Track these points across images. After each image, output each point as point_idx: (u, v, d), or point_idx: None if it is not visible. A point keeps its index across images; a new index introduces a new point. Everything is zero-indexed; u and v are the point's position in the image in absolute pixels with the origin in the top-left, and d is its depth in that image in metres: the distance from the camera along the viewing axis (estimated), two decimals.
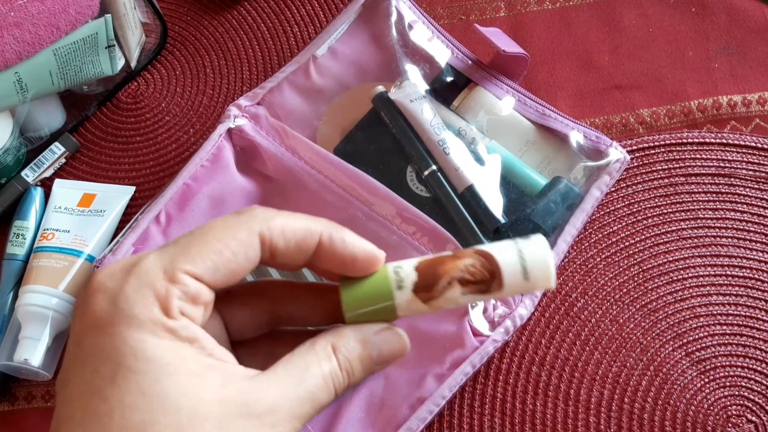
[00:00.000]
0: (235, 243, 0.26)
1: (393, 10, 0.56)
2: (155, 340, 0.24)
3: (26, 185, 0.56)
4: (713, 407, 0.48)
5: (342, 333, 0.27)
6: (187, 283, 0.25)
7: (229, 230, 0.26)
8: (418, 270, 0.28)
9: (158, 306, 0.24)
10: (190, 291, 0.25)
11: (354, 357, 0.27)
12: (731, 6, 0.58)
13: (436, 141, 0.51)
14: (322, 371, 0.26)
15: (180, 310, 0.25)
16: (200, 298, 0.25)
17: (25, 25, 0.49)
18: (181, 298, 0.25)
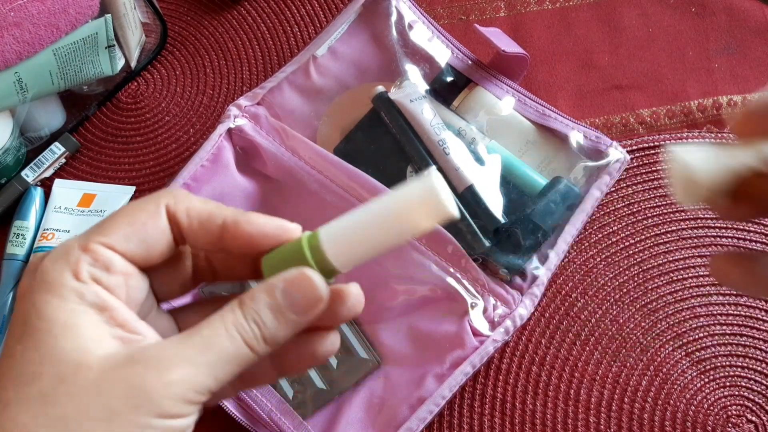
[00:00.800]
0: (143, 214, 0.27)
1: (393, 10, 0.56)
2: (58, 302, 0.25)
3: (26, 185, 0.56)
4: (713, 407, 0.48)
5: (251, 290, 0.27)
6: (98, 250, 0.26)
7: (138, 204, 0.27)
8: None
9: (69, 271, 0.25)
10: (101, 258, 0.26)
11: (261, 306, 0.26)
12: (731, 6, 0.58)
13: (436, 141, 0.51)
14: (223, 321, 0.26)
15: (91, 276, 0.26)
16: (114, 266, 0.26)
17: (25, 25, 0.49)
18: (92, 264, 0.26)
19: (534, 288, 0.49)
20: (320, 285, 0.26)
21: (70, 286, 0.25)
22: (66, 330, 0.25)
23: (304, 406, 0.48)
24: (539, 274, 0.49)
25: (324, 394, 0.48)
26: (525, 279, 0.50)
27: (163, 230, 0.27)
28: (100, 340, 0.25)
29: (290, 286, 0.26)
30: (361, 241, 0.26)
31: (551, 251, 0.50)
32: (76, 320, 0.25)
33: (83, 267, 0.26)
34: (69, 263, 0.26)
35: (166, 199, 0.27)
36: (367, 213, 0.27)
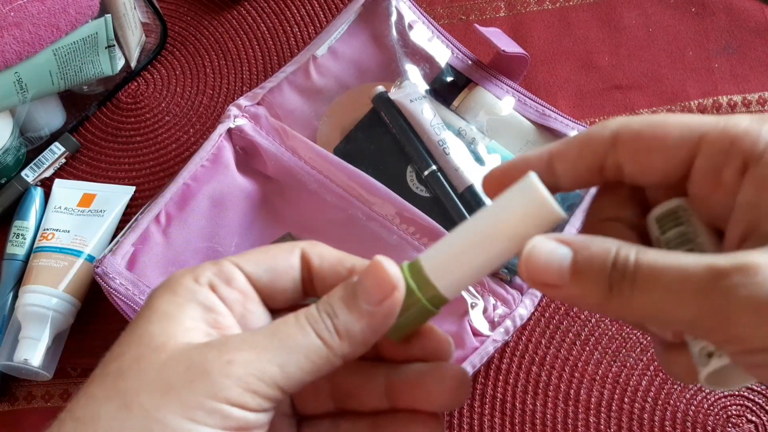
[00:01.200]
0: (278, 249, 0.28)
1: (393, 10, 0.56)
2: (169, 296, 0.26)
3: (26, 185, 0.56)
4: (713, 407, 0.48)
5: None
6: (223, 264, 0.27)
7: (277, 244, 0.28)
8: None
9: (191, 275, 0.26)
10: (224, 270, 0.26)
11: (334, 298, 0.26)
12: (731, 6, 0.58)
13: (436, 141, 0.51)
14: (295, 314, 0.26)
15: (209, 282, 0.26)
16: (235, 281, 0.26)
17: (25, 25, 0.49)
18: (215, 274, 0.26)
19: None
20: (392, 270, 0.25)
21: (186, 285, 0.26)
22: (162, 317, 0.25)
23: None
24: None
25: None
26: None
27: (292, 265, 0.27)
28: (190, 332, 0.25)
29: (362, 275, 0.26)
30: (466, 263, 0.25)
31: None
32: (176, 311, 0.25)
33: (204, 274, 0.26)
34: (194, 271, 0.26)
35: (303, 244, 0.28)
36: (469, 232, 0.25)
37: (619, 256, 0.22)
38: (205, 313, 0.26)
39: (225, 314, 0.26)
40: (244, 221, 0.52)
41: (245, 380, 0.23)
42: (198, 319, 0.25)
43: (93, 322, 0.53)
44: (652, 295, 0.21)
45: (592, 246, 0.22)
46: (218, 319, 0.26)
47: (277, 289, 0.27)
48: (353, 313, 0.25)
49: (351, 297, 0.25)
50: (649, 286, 0.21)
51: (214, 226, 0.51)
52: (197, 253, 0.50)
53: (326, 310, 0.25)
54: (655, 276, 0.21)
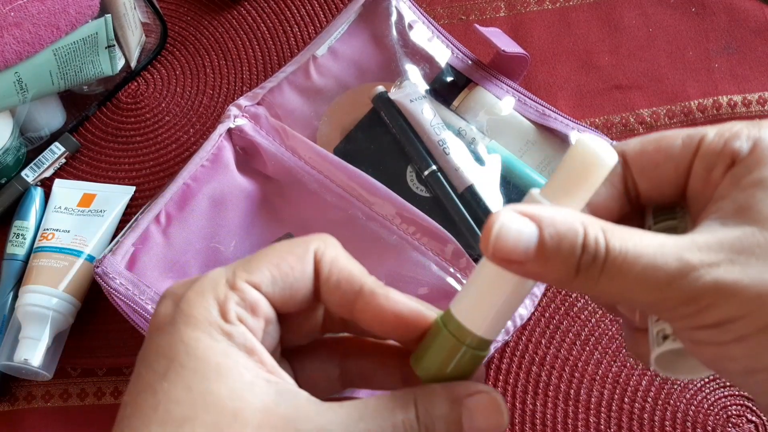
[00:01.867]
0: (292, 257, 0.26)
1: (393, 10, 0.56)
2: (209, 341, 0.24)
3: (26, 185, 0.56)
4: (713, 407, 0.48)
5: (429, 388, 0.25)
6: (245, 290, 0.25)
7: (288, 246, 0.26)
8: None
9: (217, 308, 0.25)
10: (248, 298, 0.25)
11: (438, 415, 0.25)
12: (731, 6, 0.58)
13: (436, 141, 0.51)
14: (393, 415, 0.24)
15: (238, 316, 0.25)
16: (259, 308, 0.25)
17: (25, 25, 0.49)
18: (239, 304, 0.25)
19: (534, 288, 0.49)
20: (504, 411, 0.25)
21: (219, 326, 0.24)
22: (219, 373, 0.23)
23: None
24: None
25: None
26: None
27: (308, 278, 0.26)
28: (254, 387, 0.24)
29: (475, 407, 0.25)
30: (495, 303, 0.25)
31: None
32: (228, 363, 0.24)
33: (231, 306, 0.25)
34: (217, 300, 0.25)
35: (317, 243, 0.27)
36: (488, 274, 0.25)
37: (588, 238, 0.22)
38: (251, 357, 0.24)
39: (263, 353, 0.25)
40: (244, 221, 0.52)
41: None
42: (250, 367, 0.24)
43: (93, 322, 0.53)
44: (618, 282, 0.22)
45: (557, 222, 0.22)
46: (262, 359, 0.25)
47: (292, 304, 0.26)
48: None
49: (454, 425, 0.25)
50: (617, 275, 0.22)
51: (214, 226, 0.51)
52: (197, 254, 0.50)
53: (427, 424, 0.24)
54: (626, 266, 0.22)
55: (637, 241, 0.22)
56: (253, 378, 0.24)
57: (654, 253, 0.21)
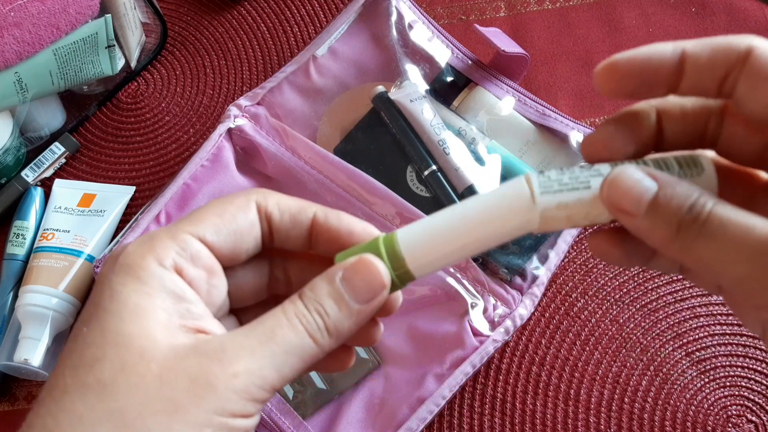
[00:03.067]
0: (233, 207, 0.26)
1: (393, 10, 0.56)
2: (135, 284, 0.24)
3: (26, 185, 0.56)
4: (713, 407, 0.48)
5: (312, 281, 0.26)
6: (186, 240, 0.25)
7: (228, 198, 0.27)
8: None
9: (153, 257, 0.24)
10: (188, 248, 0.25)
11: (322, 295, 0.25)
12: (731, 6, 0.58)
13: (436, 141, 0.51)
14: (284, 312, 0.25)
15: (175, 265, 0.25)
16: (200, 258, 0.25)
17: (25, 25, 0.49)
18: (179, 253, 0.25)
19: (534, 288, 0.49)
20: (382, 270, 0.25)
21: (151, 270, 0.24)
22: (135, 313, 0.23)
23: (304, 406, 0.48)
24: (539, 274, 0.49)
25: (324, 394, 0.48)
26: (525, 279, 0.50)
27: (252, 223, 0.27)
28: (169, 329, 0.24)
29: (350, 272, 0.25)
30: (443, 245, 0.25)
31: (551, 251, 0.50)
32: (148, 304, 0.24)
33: (169, 254, 0.25)
34: (154, 249, 0.25)
35: (255, 195, 0.27)
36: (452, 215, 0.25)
37: (698, 202, 0.22)
38: (177, 304, 0.24)
39: (195, 302, 0.25)
40: None
41: (248, 390, 0.23)
42: (171, 311, 0.24)
43: None
44: (712, 245, 0.22)
45: (677, 186, 0.23)
46: (190, 308, 0.25)
47: (240, 252, 0.27)
48: (343, 311, 0.25)
49: (340, 295, 0.25)
50: (713, 237, 0.22)
51: None
52: None
53: (316, 308, 0.25)
54: (722, 228, 0.22)
55: (740, 213, 0.22)
56: (170, 321, 0.24)
57: (754, 224, 0.22)
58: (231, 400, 0.23)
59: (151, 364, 0.23)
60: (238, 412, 0.23)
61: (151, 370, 0.23)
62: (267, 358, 0.24)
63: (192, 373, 0.23)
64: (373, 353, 0.49)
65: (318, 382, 0.49)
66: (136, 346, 0.23)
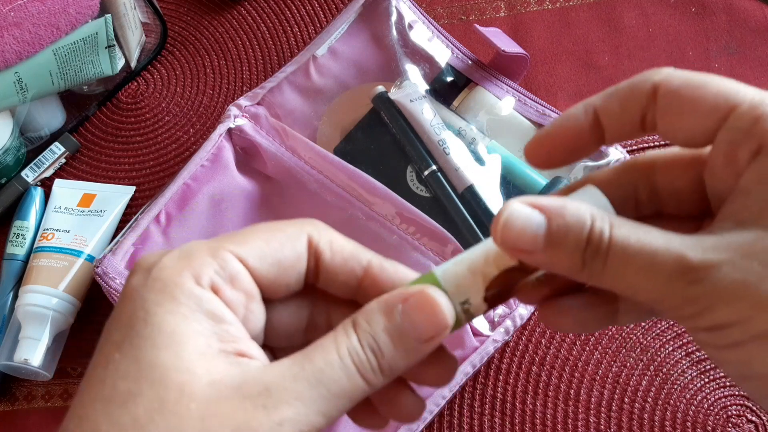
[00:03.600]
0: (282, 235, 0.25)
1: (393, 10, 0.56)
2: (170, 305, 0.22)
3: (26, 185, 0.56)
4: (713, 407, 0.48)
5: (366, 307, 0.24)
6: (227, 259, 0.23)
7: (280, 224, 0.25)
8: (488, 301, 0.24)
9: (190, 273, 0.23)
10: (228, 268, 0.23)
11: (377, 330, 0.23)
12: (731, 6, 0.58)
13: (436, 141, 0.51)
14: (336, 348, 0.23)
15: (212, 283, 0.23)
16: (240, 280, 0.24)
17: (25, 25, 0.49)
18: (217, 272, 0.23)
19: None
20: (444, 304, 0.23)
21: (188, 289, 0.22)
22: (172, 340, 0.22)
23: None
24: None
25: None
26: None
27: (299, 256, 0.25)
28: (207, 358, 0.22)
29: (411, 306, 0.23)
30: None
31: None
32: (185, 329, 0.22)
33: (206, 272, 0.23)
34: (192, 265, 0.23)
35: (309, 227, 0.25)
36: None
37: (594, 230, 0.21)
38: (215, 326, 0.23)
39: (233, 323, 0.23)
40: (244, 221, 0.52)
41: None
42: (209, 335, 0.22)
43: (93, 322, 0.53)
44: (622, 274, 0.21)
45: (567, 214, 0.22)
46: (229, 330, 0.23)
47: (281, 284, 0.25)
48: (399, 350, 0.23)
49: (398, 332, 0.23)
50: (620, 267, 0.21)
51: (214, 226, 0.51)
52: None
53: (370, 345, 0.23)
54: (627, 258, 0.21)
55: (641, 235, 0.21)
56: (208, 347, 0.22)
57: (656, 249, 0.21)
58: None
59: (192, 405, 0.21)
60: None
61: (191, 411, 0.21)
62: (315, 403, 0.22)
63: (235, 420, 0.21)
64: None
65: None
66: (174, 382, 0.21)
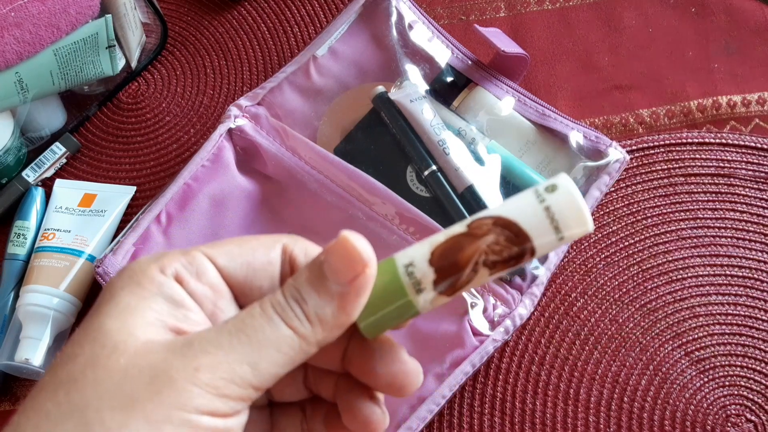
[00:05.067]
0: (256, 242, 0.25)
1: (393, 10, 0.56)
2: (133, 287, 0.23)
3: (27, 185, 0.56)
4: (713, 406, 0.48)
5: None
6: (195, 256, 0.24)
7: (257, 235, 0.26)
8: (435, 265, 0.24)
9: (157, 265, 0.24)
10: (196, 262, 0.24)
11: (300, 282, 0.23)
12: (731, 6, 0.58)
13: (436, 141, 0.52)
14: (260, 303, 0.23)
15: (177, 275, 0.24)
16: (206, 275, 0.24)
17: (25, 25, 0.49)
18: (184, 266, 0.24)
19: (534, 287, 0.49)
20: (361, 245, 0.23)
21: (151, 276, 0.23)
22: (122, 310, 0.22)
23: None
24: (539, 274, 0.50)
25: None
26: (525, 278, 0.50)
27: (271, 262, 0.25)
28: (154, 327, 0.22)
29: (329, 252, 0.23)
30: None
31: None
32: (139, 304, 0.23)
33: (173, 264, 0.24)
34: (160, 259, 0.24)
35: (285, 238, 0.26)
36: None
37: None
38: (173, 309, 0.23)
39: (195, 310, 0.24)
40: (245, 221, 0.52)
41: (214, 385, 0.22)
42: (163, 312, 0.23)
43: None
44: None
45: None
46: (188, 315, 0.23)
47: (253, 287, 0.25)
48: (323, 296, 0.23)
49: (319, 278, 0.23)
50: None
51: (215, 226, 0.51)
52: None
53: (293, 295, 0.23)
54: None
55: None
56: (157, 320, 0.23)
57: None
58: (194, 394, 0.21)
59: (120, 358, 0.22)
60: (205, 409, 0.21)
61: (118, 364, 0.21)
62: (236, 352, 0.22)
63: (154, 367, 0.21)
64: None
65: None
66: (111, 341, 0.22)
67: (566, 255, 0.52)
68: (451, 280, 0.24)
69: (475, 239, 0.23)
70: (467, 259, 0.23)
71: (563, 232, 0.23)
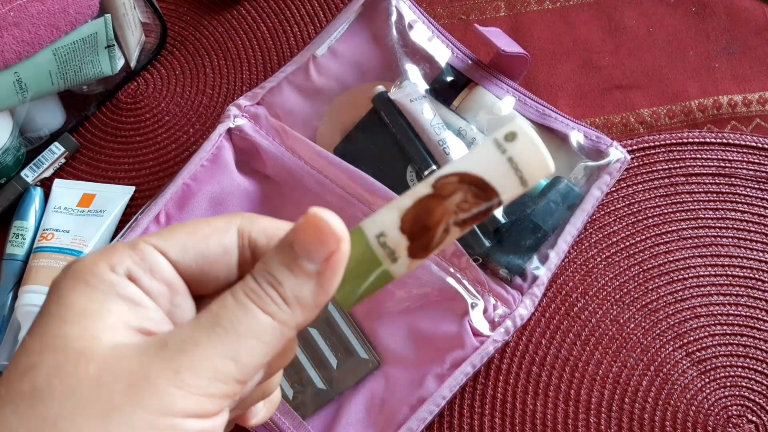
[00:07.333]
0: (208, 228, 0.24)
1: (393, 9, 0.56)
2: (84, 288, 0.22)
3: (26, 185, 0.56)
4: (714, 407, 0.48)
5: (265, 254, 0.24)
6: (145, 251, 0.23)
7: (209, 218, 0.25)
8: (406, 232, 0.24)
9: (105, 263, 0.22)
10: (147, 259, 0.23)
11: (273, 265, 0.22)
12: (731, 6, 0.58)
13: (436, 141, 0.51)
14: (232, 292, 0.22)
15: (129, 273, 0.22)
16: (160, 271, 0.23)
17: (24, 25, 0.49)
18: (136, 263, 0.23)
19: (534, 288, 0.49)
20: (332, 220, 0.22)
21: (101, 276, 0.22)
22: (80, 315, 0.21)
23: (304, 406, 0.48)
24: (539, 274, 0.49)
25: (324, 395, 0.48)
26: (525, 279, 0.49)
27: (227, 250, 0.24)
28: (116, 329, 0.21)
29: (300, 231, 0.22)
30: None
31: (551, 251, 0.50)
32: (96, 307, 0.21)
33: (123, 262, 0.22)
34: (107, 256, 0.22)
35: (238, 219, 0.25)
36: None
37: None
38: (131, 309, 0.22)
39: (152, 309, 0.23)
40: None
41: (198, 385, 0.21)
42: (122, 313, 0.22)
43: None
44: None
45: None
46: (148, 315, 0.22)
47: (209, 278, 0.24)
48: (299, 276, 0.22)
49: (292, 258, 0.22)
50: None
51: None
52: None
53: (267, 279, 0.22)
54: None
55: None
56: (119, 322, 0.22)
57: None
58: (178, 397, 0.20)
59: (90, 366, 0.20)
60: (192, 411, 0.21)
61: (88, 372, 0.20)
62: (215, 347, 0.21)
63: (131, 372, 0.20)
64: (373, 353, 0.49)
65: (318, 383, 0.48)
66: (74, 348, 0.21)
67: (567, 255, 0.52)
68: (424, 242, 0.24)
69: (442, 199, 0.24)
70: (437, 221, 0.24)
71: (528, 181, 0.23)
